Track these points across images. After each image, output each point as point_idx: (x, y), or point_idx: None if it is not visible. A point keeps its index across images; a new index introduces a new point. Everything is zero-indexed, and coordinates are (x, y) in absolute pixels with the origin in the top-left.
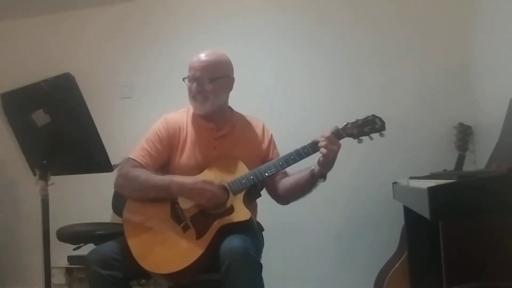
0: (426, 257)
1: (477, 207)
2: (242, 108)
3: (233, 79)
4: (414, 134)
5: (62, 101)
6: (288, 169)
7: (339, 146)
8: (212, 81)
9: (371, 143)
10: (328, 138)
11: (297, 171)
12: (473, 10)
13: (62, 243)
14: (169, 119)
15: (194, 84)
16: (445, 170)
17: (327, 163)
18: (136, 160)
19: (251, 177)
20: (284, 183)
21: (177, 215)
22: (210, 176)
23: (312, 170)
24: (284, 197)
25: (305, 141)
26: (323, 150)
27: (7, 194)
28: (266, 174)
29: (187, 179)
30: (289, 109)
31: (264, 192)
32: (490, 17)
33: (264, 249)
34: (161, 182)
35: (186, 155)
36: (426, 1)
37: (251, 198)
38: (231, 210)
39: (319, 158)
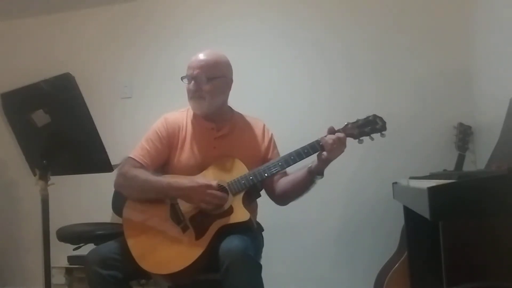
0: (426, 257)
1: (477, 207)
2: (242, 108)
3: (231, 80)
4: (414, 134)
5: (62, 101)
6: (287, 170)
7: (345, 147)
8: (210, 80)
9: (371, 143)
10: (339, 139)
11: (294, 170)
12: (473, 10)
13: (62, 243)
14: (169, 118)
15: (192, 83)
16: (445, 170)
17: (328, 162)
18: (136, 160)
19: (251, 177)
20: (282, 182)
21: (176, 215)
22: (209, 176)
23: (310, 167)
24: (281, 197)
25: (305, 141)
26: (330, 147)
27: (7, 194)
28: (266, 174)
29: (185, 182)
30: (289, 109)
31: (263, 192)
32: (490, 18)
33: (264, 250)
34: (159, 184)
35: (186, 154)
36: (426, 1)
37: (250, 199)
38: (230, 210)
39: (322, 154)
